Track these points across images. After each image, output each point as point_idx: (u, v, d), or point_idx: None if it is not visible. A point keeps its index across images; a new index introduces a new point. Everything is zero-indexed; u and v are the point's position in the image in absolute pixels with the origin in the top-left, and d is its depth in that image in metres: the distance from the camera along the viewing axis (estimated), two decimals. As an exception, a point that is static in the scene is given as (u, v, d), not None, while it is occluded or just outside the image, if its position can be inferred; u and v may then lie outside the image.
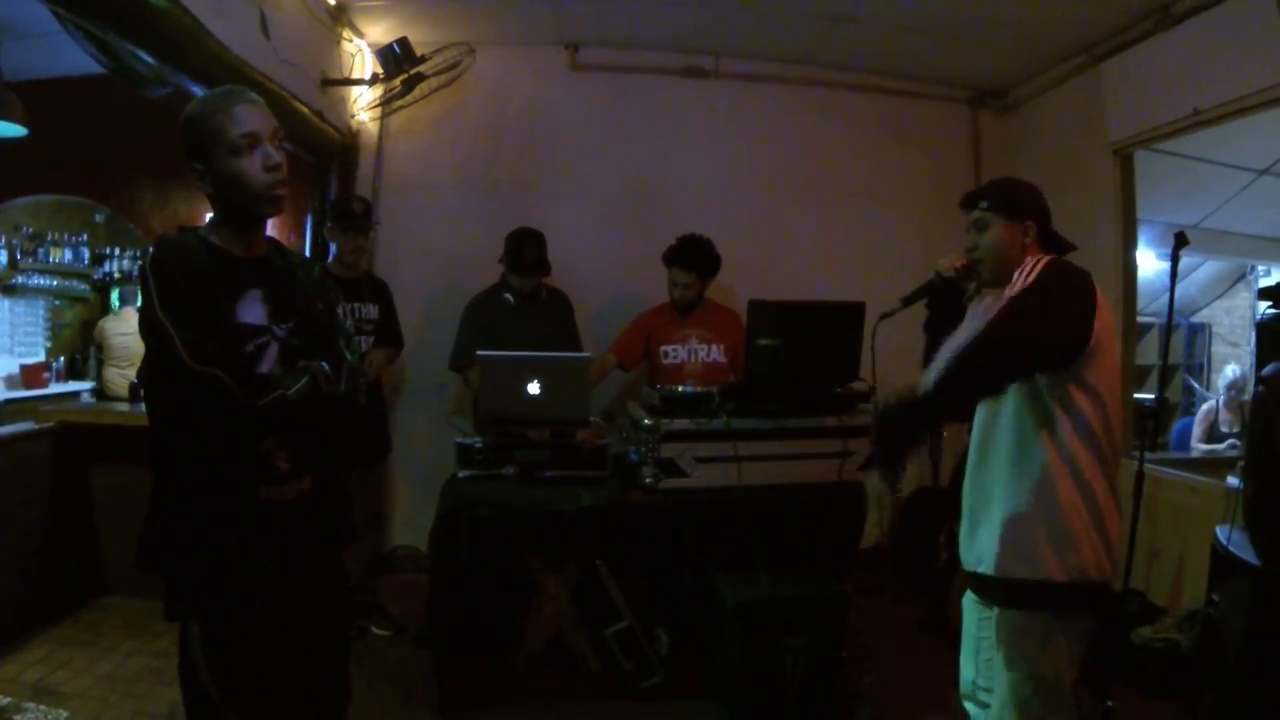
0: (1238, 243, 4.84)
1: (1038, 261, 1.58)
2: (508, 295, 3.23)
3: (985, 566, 1.61)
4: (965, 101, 4.31)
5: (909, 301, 1.88)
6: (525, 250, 3.12)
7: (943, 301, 1.85)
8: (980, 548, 1.64)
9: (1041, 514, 1.54)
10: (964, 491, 1.75)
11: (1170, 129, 3.16)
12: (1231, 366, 4.80)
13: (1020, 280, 1.56)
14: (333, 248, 3.17)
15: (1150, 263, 4.20)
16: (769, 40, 3.83)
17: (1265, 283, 5.17)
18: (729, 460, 2.52)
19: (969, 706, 1.76)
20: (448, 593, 2.60)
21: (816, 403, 2.64)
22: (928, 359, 1.79)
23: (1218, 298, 6.07)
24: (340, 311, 2.79)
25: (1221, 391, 4.62)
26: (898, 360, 3.80)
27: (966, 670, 1.77)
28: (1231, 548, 2.13)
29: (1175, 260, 2.45)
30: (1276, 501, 2.05)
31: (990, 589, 1.64)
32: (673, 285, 3.21)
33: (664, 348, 3.28)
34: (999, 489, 1.62)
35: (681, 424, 2.52)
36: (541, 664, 2.80)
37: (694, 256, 3.20)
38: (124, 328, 5.13)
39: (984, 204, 1.73)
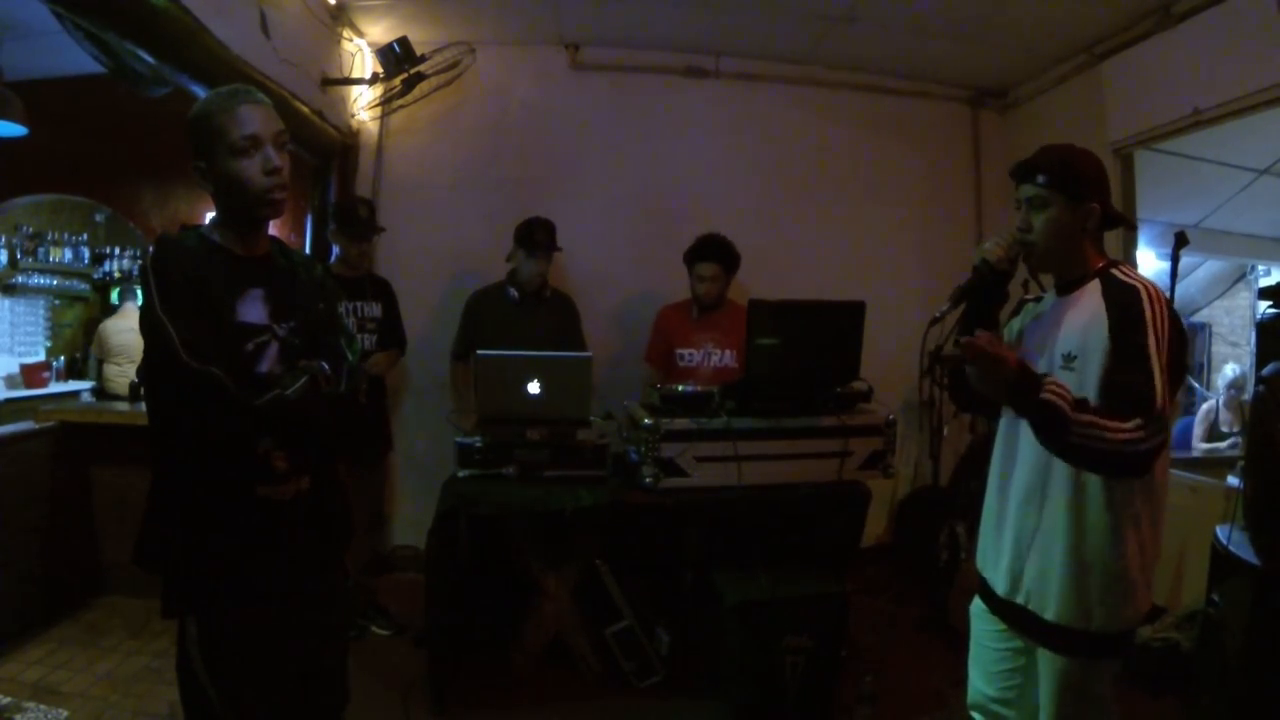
0: (1238, 243, 4.84)
1: (1157, 303, 1.41)
2: (512, 291, 3.25)
3: (1050, 613, 1.51)
4: (965, 101, 4.31)
5: (959, 300, 1.60)
6: (536, 231, 3.16)
7: (986, 291, 1.61)
8: (1032, 584, 1.54)
9: (1120, 562, 1.46)
10: (1001, 507, 1.63)
11: (1170, 129, 3.16)
12: (1231, 366, 4.80)
13: (1151, 325, 1.39)
14: (335, 249, 3.17)
15: (1150, 262, 4.19)
16: (770, 40, 3.83)
17: (1265, 282, 5.17)
18: (729, 460, 2.52)
19: (978, 717, 1.73)
20: (446, 592, 2.60)
21: (816, 402, 2.64)
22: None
23: (1218, 297, 6.07)
24: (343, 310, 2.78)
25: (1221, 391, 4.63)
26: (898, 360, 3.81)
27: (978, 682, 1.73)
28: (1231, 548, 2.13)
29: (1175, 260, 2.45)
30: (1276, 501, 2.05)
31: (1048, 634, 1.52)
32: (699, 280, 3.22)
33: (680, 350, 3.29)
34: (1065, 525, 1.49)
35: (681, 423, 2.52)
36: (541, 664, 2.80)
37: (719, 249, 3.22)
38: (123, 325, 5.13)
39: (1041, 179, 1.50)
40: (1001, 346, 1.39)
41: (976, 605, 1.73)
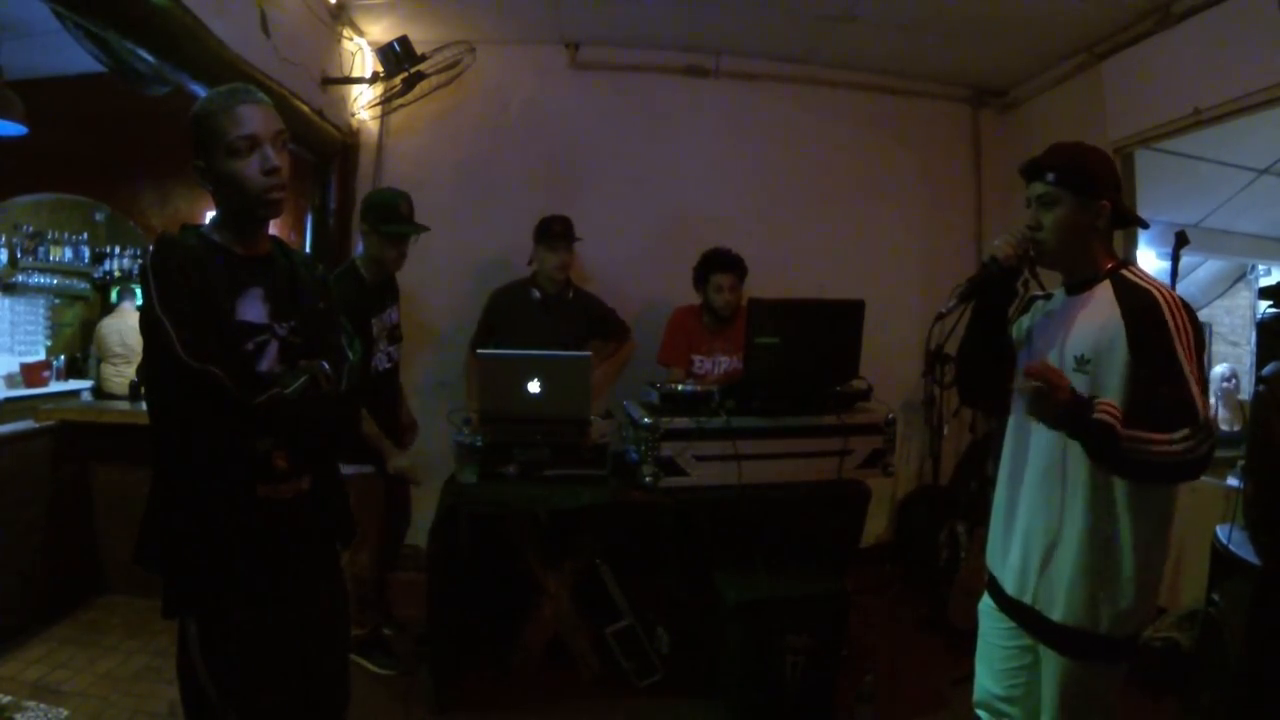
0: (1238, 242, 4.83)
1: (1177, 310, 1.41)
2: (535, 291, 3.24)
3: (1057, 614, 1.51)
4: (965, 100, 4.31)
5: (967, 297, 1.60)
6: (553, 224, 3.15)
7: (995, 289, 1.61)
8: (1040, 584, 1.54)
9: (1130, 565, 1.46)
10: (1011, 504, 1.63)
11: (1170, 128, 3.16)
12: (1221, 366, 4.80)
13: (1177, 334, 1.39)
14: (359, 246, 2.86)
15: (1150, 262, 4.18)
16: (770, 39, 3.83)
17: (1265, 282, 5.16)
18: (729, 459, 2.52)
19: (983, 715, 1.73)
20: (447, 592, 2.60)
21: (816, 401, 2.64)
22: (972, 348, 1.68)
23: (1218, 297, 6.06)
24: (380, 322, 2.69)
25: (1216, 390, 4.62)
26: (898, 359, 3.80)
27: (984, 680, 1.72)
28: (1232, 547, 2.14)
29: (1176, 260, 2.44)
30: (1276, 501, 2.05)
31: (1054, 635, 1.52)
32: (717, 291, 3.20)
33: (694, 356, 3.30)
34: (1075, 526, 1.49)
35: (681, 423, 2.52)
36: (541, 664, 2.80)
37: (732, 259, 3.22)
38: (120, 325, 5.14)
39: (1051, 177, 1.50)
40: (1055, 372, 1.40)
41: (985, 603, 1.73)
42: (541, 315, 3.21)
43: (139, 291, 3.86)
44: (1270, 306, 2.45)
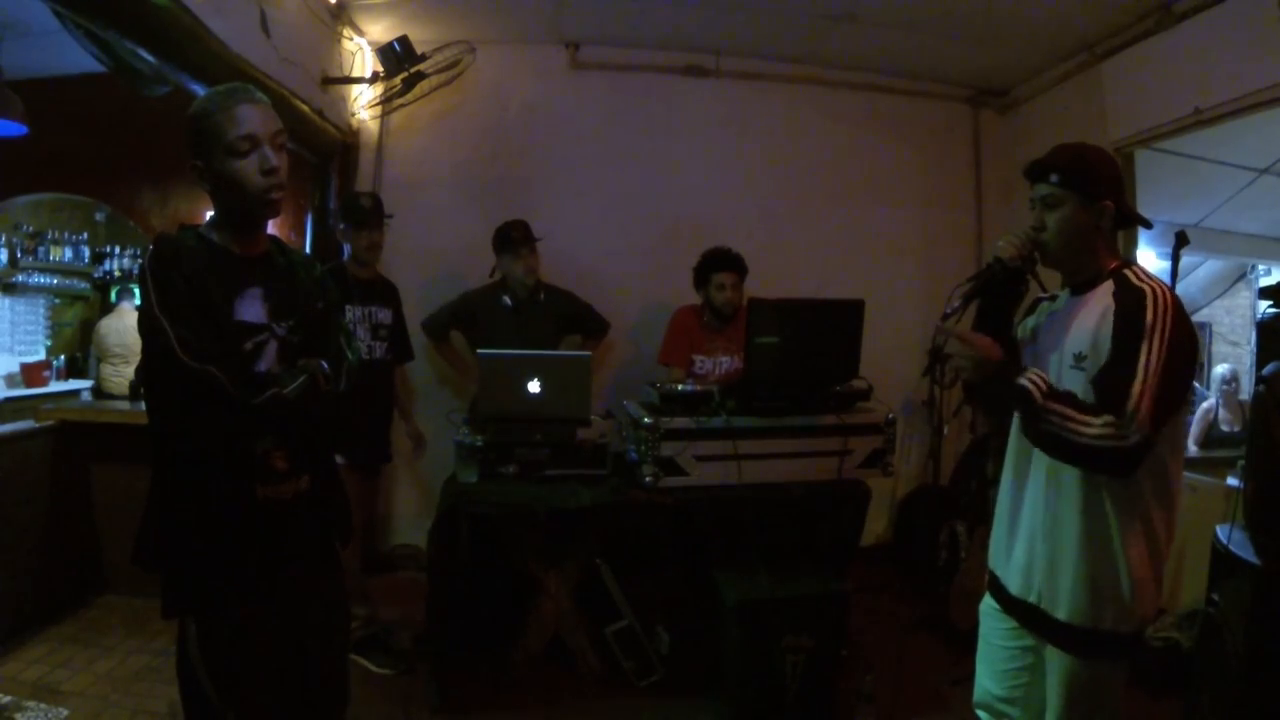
0: (1238, 242, 4.83)
1: (1161, 306, 1.41)
2: (506, 299, 3.24)
3: (1062, 613, 1.50)
4: (966, 100, 4.31)
5: (970, 297, 1.58)
6: (512, 230, 3.18)
7: (999, 289, 1.60)
8: (1044, 583, 1.53)
9: (1133, 563, 1.46)
10: (1015, 504, 1.63)
11: (1171, 128, 3.16)
12: (1221, 366, 4.80)
13: (1155, 327, 1.38)
14: (346, 248, 3.04)
15: (1150, 262, 4.17)
16: (770, 39, 3.83)
17: (1265, 282, 5.17)
18: (729, 459, 2.52)
19: (983, 716, 1.73)
20: (447, 592, 2.60)
21: (816, 401, 2.64)
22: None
23: (1218, 297, 6.06)
24: (358, 316, 2.74)
25: (1217, 391, 4.62)
26: (899, 359, 3.80)
27: (985, 680, 1.72)
28: (1232, 547, 2.14)
29: (1176, 259, 2.44)
30: (1277, 501, 2.05)
31: (1059, 633, 1.52)
32: (719, 289, 3.21)
33: (695, 356, 3.30)
34: (1079, 524, 1.48)
35: (681, 422, 2.52)
36: (541, 663, 2.79)
37: (733, 258, 3.23)
38: (119, 325, 5.14)
39: (1054, 178, 1.51)
40: (979, 336, 1.44)
41: (986, 603, 1.72)
42: (513, 321, 3.23)
43: (138, 292, 3.87)
44: (1270, 306, 2.45)
